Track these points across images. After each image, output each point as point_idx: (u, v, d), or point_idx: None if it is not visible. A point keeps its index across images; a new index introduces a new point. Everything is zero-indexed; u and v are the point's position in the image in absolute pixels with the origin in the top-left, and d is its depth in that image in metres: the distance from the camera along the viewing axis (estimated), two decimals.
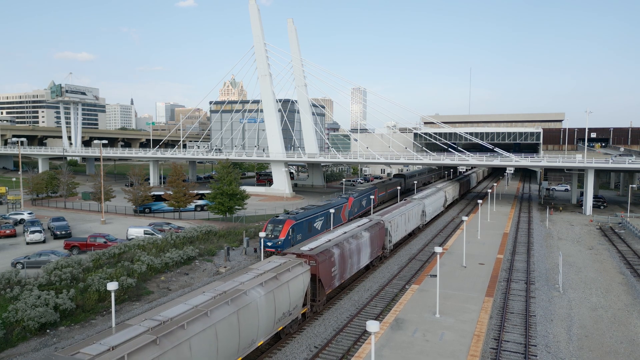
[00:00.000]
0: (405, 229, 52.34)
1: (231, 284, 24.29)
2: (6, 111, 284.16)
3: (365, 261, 39.29)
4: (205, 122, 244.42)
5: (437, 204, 70.51)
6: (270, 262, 28.47)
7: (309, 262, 29.70)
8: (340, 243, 34.46)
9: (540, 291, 36.57)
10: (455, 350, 23.77)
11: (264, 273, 26.02)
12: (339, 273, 33.37)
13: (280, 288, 25.39)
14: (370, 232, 40.38)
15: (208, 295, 22.51)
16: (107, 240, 48.37)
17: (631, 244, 53.66)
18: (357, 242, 37.29)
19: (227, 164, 66.79)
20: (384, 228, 44.84)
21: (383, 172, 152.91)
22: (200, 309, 20.58)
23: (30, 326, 27.96)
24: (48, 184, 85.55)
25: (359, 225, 41.74)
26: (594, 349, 26.78)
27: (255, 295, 23.45)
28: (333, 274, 32.42)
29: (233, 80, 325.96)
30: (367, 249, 39.24)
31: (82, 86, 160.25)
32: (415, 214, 57.31)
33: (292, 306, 26.64)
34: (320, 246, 32.75)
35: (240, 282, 24.49)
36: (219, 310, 21.04)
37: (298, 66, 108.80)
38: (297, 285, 27.09)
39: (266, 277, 25.34)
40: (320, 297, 31.25)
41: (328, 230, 39.89)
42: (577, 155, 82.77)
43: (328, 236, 36.32)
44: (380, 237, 43.16)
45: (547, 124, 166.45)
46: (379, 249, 42.93)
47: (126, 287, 34.57)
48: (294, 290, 26.82)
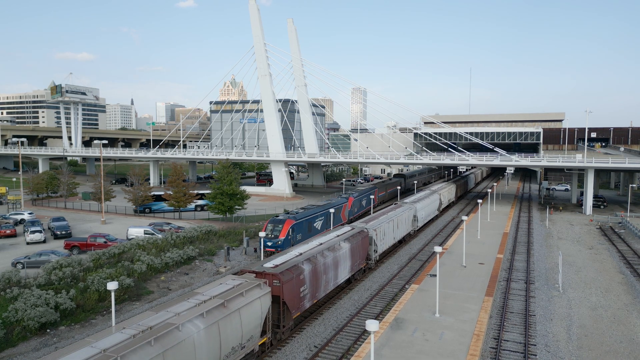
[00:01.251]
0: (393, 236, 47.95)
1: (163, 315, 19.92)
2: (6, 111, 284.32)
3: (344, 275, 35.21)
4: (205, 122, 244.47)
5: (430, 207, 65.79)
6: (222, 284, 24.29)
7: (271, 282, 25.65)
8: (312, 257, 30.38)
9: (540, 291, 36.59)
10: (455, 349, 23.80)
11: (208, 300, 21.89)
12: (310, 292, 29.23)
13: (228, 318, 21.40)
14: (351, 243, 36.32)
15: (127, 332, 17.99)
16: (107, 240, 48.42)
17: (631, 244, 53.67)
18: (335, 254, 33.10)
19: (227, 164, 66.83)
20: (368, 237, 40.72)
21: (383, 172, 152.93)
22: (110, 355, 16.13)
23: (31, 326, 28.00)
24: (48, 184, 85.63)
25: (338, 234, 37.44)
26: (593, 349, 26.81)
27: (190, 331, 19.26)
28: (302, 294, 28.24)
29: (233, 80, 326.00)
30: (346, 261, 35.15)
31: (82, 86, 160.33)
32: (406, 219, 52.81)
33: (245, 338, 22.66)
34: (288, 262, 28.48)
35: (175, 313, 20.07)
36: (137, 355, 16.58)
37: (298, 66, 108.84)
38: (252, 311, 23.25)
39: (210, 305, 21.19)
40: (286, 322, 26.97)
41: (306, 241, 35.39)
42: (577, 155, 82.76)
43: (299, 249, 31.99)
44: (363, 248, 39.11)
45: (547, 123, 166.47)
46: (361, 261, 38.77)
47: (126, 287, 34.60)
48: (249, 318, 22.88)
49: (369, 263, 41.58)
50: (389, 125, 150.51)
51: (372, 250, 41.44)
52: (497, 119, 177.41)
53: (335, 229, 40.34)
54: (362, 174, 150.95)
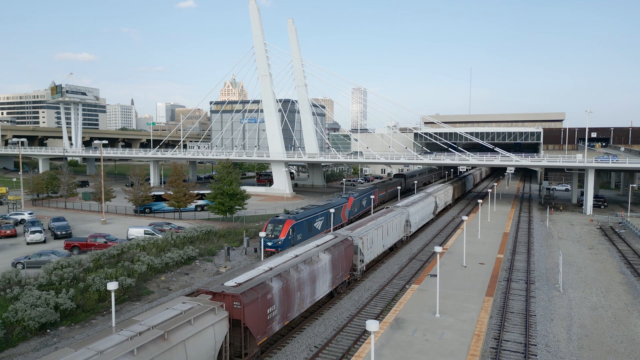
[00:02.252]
0: (382, 244, 44.59)
1: (80, 356, 16.32)
2: (7, 111, 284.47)
3: (324, 290, 31.73)
4: (205, 122, 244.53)
5: (425, 211, 61.73)
6: (169, 309, 20.99)
7: (230, 304, 22.42)
8: (284, 272, 26.86)
9: (540, 291, 36.57)
10: (455, 349, 23.78)
11: (145, 331, 18.45)
12: (280, 313, 25.70)
13: (168, 354, 18.04)
14: (332, 253, 32.79)
15: None
16: (108, 240, 48.42)
17: (631, 244, 53.64)
18: (312, 268, 29.65)
19: (228, 164, 66.83)
20: (353, 246, 37.20)
21: (383, 172, 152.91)
22: None
23: (31, 326, 27.99)
24: (48, 184, 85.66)
25: (318, 244, 33.85)
26: (594, 349, 26.78)
27: None
28: (270, 315, 24.70)
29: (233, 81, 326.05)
30: (327, 274, 31.64)
31: (82, 86, 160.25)
32: (397, 225, 49.40)
33: None
34: (253, 279, 24.92)
35: (97, 351, 16.55)
36: None
37: (298, 66, 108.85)
38: (202, 342, 19.97)
39: (145, 338, 17.77)
40: (250, 349, 23.58)
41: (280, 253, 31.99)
42: (577, 155, 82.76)
43: (269, 263, 28.43)
44: (347, 258, 35.59)
45: (548, 123, 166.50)
46: (345, 273, 35.35)
47: (126, 287, 34.61)
48: (197, 350, 19.65)
49: (355, 274, 38.18)
50: (389, 125, 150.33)
51: (357, 260, 38.13)
52: (497, 119, 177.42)
53: (315, 238, 36.21)
54: (362, 174, 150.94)
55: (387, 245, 46.53)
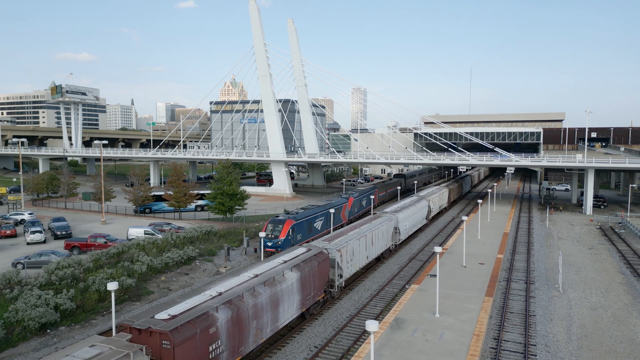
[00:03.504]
0: (366, 255, 40.17)
1: None
2: (7, 111, 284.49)
3: (290, 314, 27.41)
4: (205, 122, 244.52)
5: (416, 217, 57.19)
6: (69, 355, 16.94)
7: (158, 344, 18.45)
8: (235, 299, 22.55)
9: (540, 291, 36.59)
10: (454, 349, 23.81)
11: None
12: (228, 349, 21.53)
13: None
14: (302, 271, 28.44)
15: None
16: (108, 241, 48.44)
17: (631, 244, 53.66)
18: (274, 290, 25.28)
19: (228, 164, 66.86)
20: (329, 260, 32.69)
21: (383, 172, 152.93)
22: None
23: (31, 326, 28.02)
24: (48, 185, 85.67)
25: (285, 260, 29.39)
26: (593, 349, 26.81)
27: None
28: (214, 354, 20.48)
29: (233, 81, 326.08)
30: (293, 296, 27.32)
31: (82, 86, 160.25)
32: (384, 233, 45.16)
33: None
34: (193, 310, 20.67)
35: None
36: None
37: (298, 66, 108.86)
38: None
39: None
40: None
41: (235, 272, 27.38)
42: (577, 155, 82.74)
43: (219, 287, 23.90)
44: (321, 274, 31.16)
45: (548, 123, 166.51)
46: (318, 291, 30.96)
47: (126, 287, 34.63)
48: None
49: (332, 292, 33.89)
50: (389, 125, 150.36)
51: (335, 275, 33.66)
52: (497, 119, 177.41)
53: (284, 253, 31.93)
54: (362, 174, 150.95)
55: (372, 256, 42.20)
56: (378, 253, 43.89)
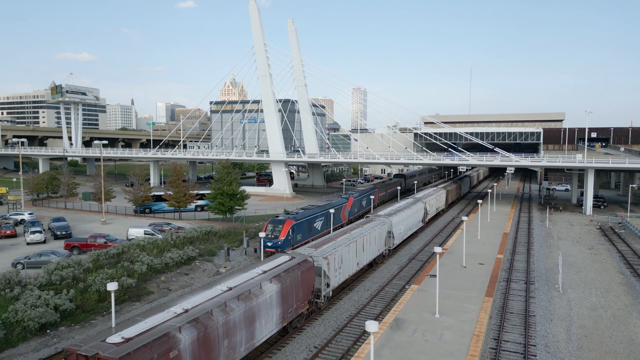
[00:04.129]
0: (356, 262, 37.79)
1: None
2: (7, 111, 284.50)
3: (269, 330, 25.09)
4: (205, 122, 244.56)
5: (411, 220, 54.70)
6: None
7: None
8: (203, 316, 20.30)
9: (540, 291, 36.59)
10: (454, 350, 23.80)
11: None
12: None
13: None
14: (283, 282, 26.20)
15: None
16: (108, 241, 48.44)
17: (631, 244, 53.66)
18: (249, 304, 23.02)
19: (227, 164, 66.87)
20: (314, 268, 30.28)
21: (383, 172, 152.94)
22: None
23: (31, 326, 28.02)
24: (48, 185, 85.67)
25: (265, 270, 26.93)
26: (593, 349, 26.81)
27: None
28: None
29: (233, 81, 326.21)
30: (273, 310, 25.11)
31: (82, 86, 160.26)
32: (376, 238, 42.85)
33: None
34: (152, 331, 18.40)
35: None
36: None
37: (298, 66, 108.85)
38: None
39: None
40: None
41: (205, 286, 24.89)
42: (577, 155, 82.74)
43: (186, 303, 21.51)
44: (305, 284, 28.79)
45: (548, 123, 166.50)
46: (302, 303, 28.61)
47: (126, 287, 34.64)
48: None
49: (318, 302, 31.60)
50: (389, 125, 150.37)
51: (322, 284, 31.33)
52: (497, 119, 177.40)
53: (265, 262, 29.37)
54: (362, 174, 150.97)
55: (363, 263, 39.91)
56: (370, 259, 41.69)
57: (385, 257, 46.71)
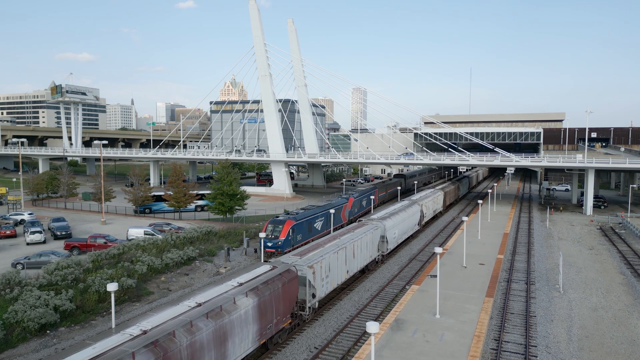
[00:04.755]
0: (346, 270, 35.59)
1: None
2: (7, 111, 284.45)
3: (244, 349, 22.89)
4: (205, 122, 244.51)
5: (407, 223, 52.45)
6: None
7: None
8: (163, 339, 18.17)
9: (540, 291, 36.55)
10: (455, 350, 23.75)
11: None
12: None
13: None
14: (261, 295, 24.07)
15: None
16: (107, 241, 48.37)
17: (632, 244, 53.60)
18: (220, 322, 20.81)
19: (227, 164, 66.81)
20: (298, 278, 28.08)
21: (383, 172, 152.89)
22: None
23: (30, 327, 27.97)
24: (48, 185, 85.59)
25: (241, 282, 24.73)
26: (594, 350, 26.76)
27: None
28: None
29: (233, 81, 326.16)
30: (249, 327, 22.96)
31: (82, 86, 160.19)
32: (368, 243, 40.46)
33: None
34: (100, 358, 16.33)
35: None
36: None
37: (298, 66, 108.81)
38: None
39: None
40: None
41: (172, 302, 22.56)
42: (577, 155, 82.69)
43: (146, 322, 19.27)
44: (287, 296, 26.65)
45: (548, 123, 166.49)
46: (284, 317, 26.47)
47: (126, 287, 34.59)
48: None
49: (303, 315, 29.27)
50: (389, 125, 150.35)
51: (307, 295, 29.02)
52: (497, 119, 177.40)
53: (243, 272, 27.00)
54: (362, 174, 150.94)
55: (354, 270, 37.68)
56: (361, 266, 39.30)
57: (378, 263, 44.70)
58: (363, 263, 39.70)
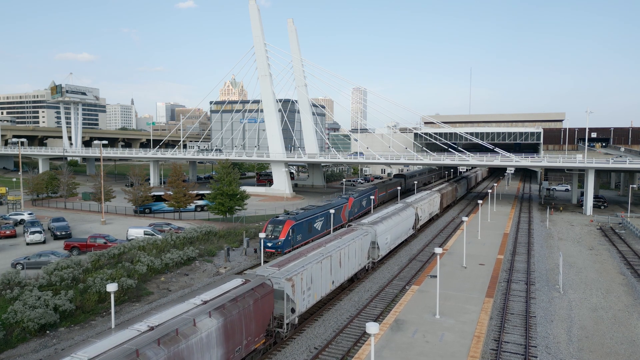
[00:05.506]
0: (331, 280, 32.97)
1: None
2: (7, 111, 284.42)
3: None
4: (205, 122, 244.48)
5: (400, 227, 49.79)
6: None
7: None
8: None
9: (540, 292, 36.54)
10: (455, 351, 23.74)
11: None
12: None
13: None
14: (227, 315, 21.33)
15: None
16: (107, 241, 48.35)
17: (631, 244, 53.59)
18: (175, 349, 18.11)
19: (227, 164, 66.79)
20: (273, 292, 25.51)
21: (383, 172, 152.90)
22: None
23: (30, 327, 27.95)
24: (48, 185, 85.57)
25: (206, 300, 22.13)
26: (594, 350, 26.75)
27: None
28: None
29: (233, 80, 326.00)
30: (212, 351, 20.24)
31: (82, 86, 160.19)
32: (357, 250, 37.83)
33: None
34: None
35: None
36: None
37: (298, 66, 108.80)
38: None
39: None
40: None
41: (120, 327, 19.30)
42: (577, 155, 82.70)
43: (81, 353, 16.47)
44: (261, 313, 24.08)
45: (548, 123, 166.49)
46: (256, 337, 23.87)
47: (126, 288, 34.56)
48: None
49: (280, 332, 26.61)
50: (389, 125, 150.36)
51: (285, 310, 26.43)
52: (497, 119, 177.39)
53: (209, 287, 24.51)
54: (362, 174, 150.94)
55: (341, 280, 35.03)
56: (349, 275, 36.68)
57: (368, 270, 41.91)
58: (351, 272, 37.06)
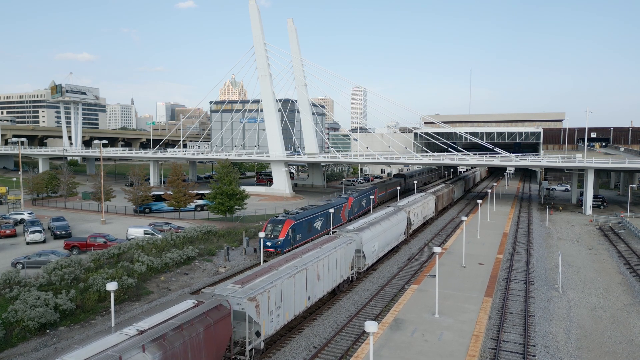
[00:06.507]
0: (307, 295, 29.36)
1: None
2: (7, 111, 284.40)
3: None
4: (205, 122, 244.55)
5: (390, 233, 46.16)
6: None
7: None
8: None
9: (539, 291, 36.61)
10: (454, 350, 23.81)
11: None
12: None
13: None
14: (168, 347, 17.96)
15: None
16: (107, 240, 48.42)
17: (631, 244, 53.67)
18: None
19: (227, 163, 66.85)
20: (234, 313, 22.60)
21: (383, 172, 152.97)
22: None
23: (30, 326, 28.02)
24: (48, 184, 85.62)
25: (143, 329, 18.72)
26: (592, 349, 26.82)
27: None
28: None
29: (233, 80, 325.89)
30: None
31: (82, 86, 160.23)
32: (339, 260, 34.16)
33: None
34: None
35: None
36: None
37: (298, 66, 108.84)
38: None
39: None
40: None
41: None
42: (577, 155, 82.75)
43: None
44: (214, 341, 20.65)
45: (547, 123, 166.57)
46: None
47: (126, 287, 34.63)
48: None
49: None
50: (389, 125, 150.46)
51: (248, 334, 23.16)
52: (497, 119, 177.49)
53: (154, 312, 21.13)
54: (362, 174, 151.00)
55: (319, 295, 31.28)
56: (329, 288, 33.00)
57: (353, 281, 38.34)
58: (332, 285, 33.41)
